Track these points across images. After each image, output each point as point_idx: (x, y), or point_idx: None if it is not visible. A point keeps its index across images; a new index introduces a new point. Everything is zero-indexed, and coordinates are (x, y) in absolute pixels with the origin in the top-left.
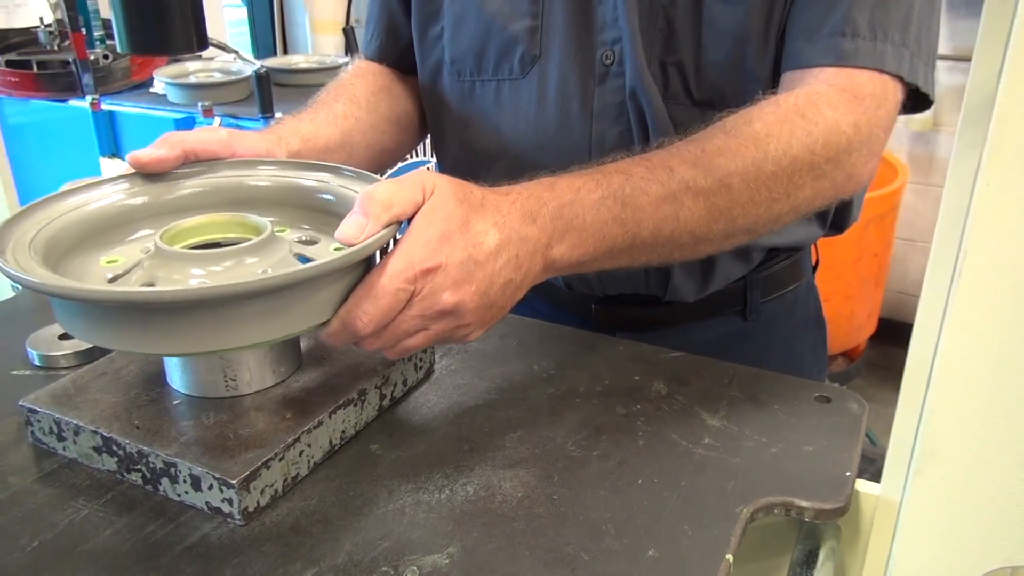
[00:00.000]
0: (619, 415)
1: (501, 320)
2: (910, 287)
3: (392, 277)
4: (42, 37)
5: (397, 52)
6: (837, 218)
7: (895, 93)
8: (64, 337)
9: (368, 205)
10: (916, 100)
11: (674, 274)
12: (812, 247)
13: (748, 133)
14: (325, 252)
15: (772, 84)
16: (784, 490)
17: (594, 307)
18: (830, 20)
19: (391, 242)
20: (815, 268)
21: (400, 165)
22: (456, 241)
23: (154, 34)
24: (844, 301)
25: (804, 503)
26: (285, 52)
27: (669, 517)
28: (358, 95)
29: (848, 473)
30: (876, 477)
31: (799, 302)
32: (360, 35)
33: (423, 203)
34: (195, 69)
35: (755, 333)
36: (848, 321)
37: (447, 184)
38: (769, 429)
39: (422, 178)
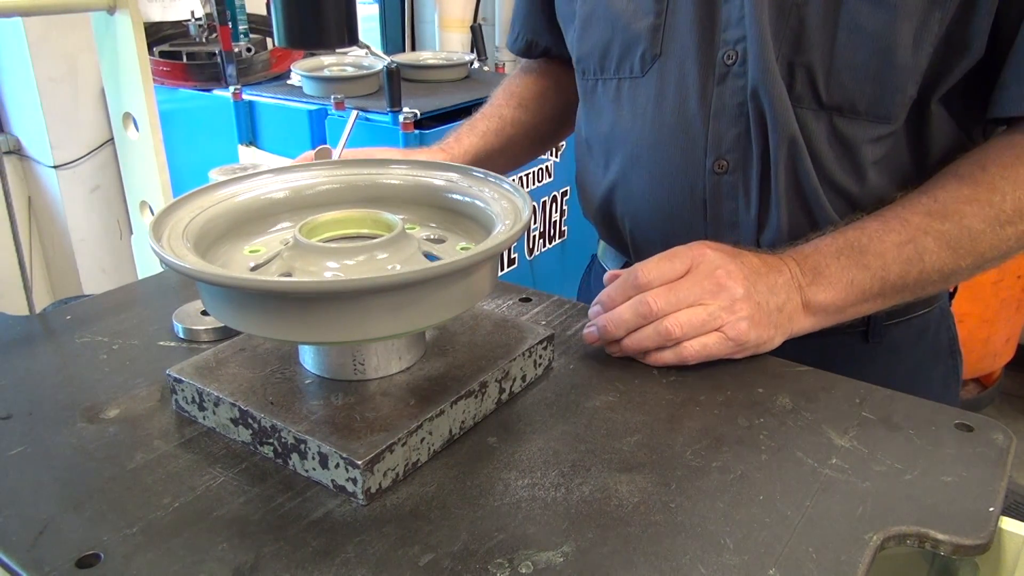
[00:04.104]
0: (741, 427)
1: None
2: None
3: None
4: (192, 30)
5: (539, 55)
6: None
7: None
8: (206, 312)
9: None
10: None
11: None
12: None
13: (982, 179)
14: (452, 251)
15: (914, 97)
16: (919, 520)
17: None
18: None
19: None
20: (952, 294)
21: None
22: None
23: (310, 29)
24: (980, 324)
25: (941, 536)
26: (413, 48)
27: (792, 537)
28: (525, 97)
29: (992, 508)
30: (1009, 513)
31: (930, 329)
32: (487, 33)
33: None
34: (329, 63)
35: (876, 358)
36: (983, 346)
37: (714, 252)
38: (903, 454)
39: (692, 252)
